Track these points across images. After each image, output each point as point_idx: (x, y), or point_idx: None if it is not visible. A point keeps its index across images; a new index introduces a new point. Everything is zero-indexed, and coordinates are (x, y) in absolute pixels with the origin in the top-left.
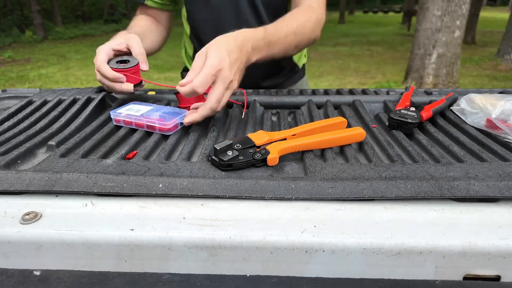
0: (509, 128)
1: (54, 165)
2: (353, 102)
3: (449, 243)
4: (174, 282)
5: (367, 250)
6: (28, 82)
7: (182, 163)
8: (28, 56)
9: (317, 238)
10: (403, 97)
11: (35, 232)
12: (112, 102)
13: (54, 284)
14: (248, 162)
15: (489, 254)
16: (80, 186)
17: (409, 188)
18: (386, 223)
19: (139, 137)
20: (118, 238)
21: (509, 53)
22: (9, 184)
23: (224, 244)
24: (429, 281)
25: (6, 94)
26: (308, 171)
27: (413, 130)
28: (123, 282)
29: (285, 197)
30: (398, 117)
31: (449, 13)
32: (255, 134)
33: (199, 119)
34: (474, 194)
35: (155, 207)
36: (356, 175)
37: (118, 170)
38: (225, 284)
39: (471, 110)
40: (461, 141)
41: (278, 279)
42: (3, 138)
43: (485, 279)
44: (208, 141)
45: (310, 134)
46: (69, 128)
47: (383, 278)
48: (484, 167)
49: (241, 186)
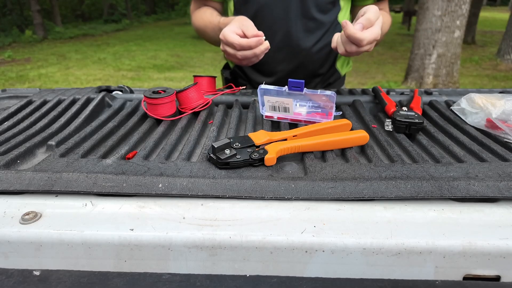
0: (509, 128)
1: (54, 165)
2: (353, 102)
3: (449, 243)
4: (174, 282)
5: (367, 250)
6: (28, 82)
7: (182, 163)
8: (28, 56)
9: (317, 238)
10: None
11: (35, 232)
12: (112, 102)
13: (54, 284)
14: (245, 161)
15: (489, 254)
16: (80, 186)
17: (409, 188)
18: (386, 223)
19: (139, 137)
20: (118, 238)
21: (509, 53)
22: (8, 184)
23: (224, 244)
24: (429, 281)
25: (5, 94)
26: (308, 171)
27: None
28: (123, 282)
29: (285, 197)
30: (404, 118)
31: (449, 13)
32: (255, 133)
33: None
34: (474, 194)
35: (155, 207)
36: (356, 175)
37: (118, 170)
38: (225, 284)
39: (471, 110)
40: (461, 141)
41: (278, 279)
42: (3, 138)
43: (485, 279)
44: (208, 140)
45: (313, 135)
46: (68, 128)
47: (383, 278)
48: (484, 167)
49: (241, 186)
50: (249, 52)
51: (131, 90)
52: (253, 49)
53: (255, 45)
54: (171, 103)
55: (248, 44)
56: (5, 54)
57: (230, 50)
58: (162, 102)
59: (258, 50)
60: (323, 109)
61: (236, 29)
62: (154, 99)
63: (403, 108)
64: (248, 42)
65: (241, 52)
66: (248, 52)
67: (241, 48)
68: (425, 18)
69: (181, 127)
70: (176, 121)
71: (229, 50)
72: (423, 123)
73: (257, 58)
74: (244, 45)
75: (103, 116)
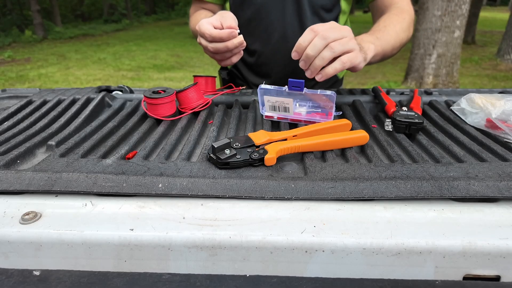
0: (509, 128)
1: (54, 165)
2: (353, 102)
3: (449, 243)
4: (174, 282)
5: (367, 250)
6: (28, 82)
7: (182, 163)
8: (28, 56)
9: (317, 238)
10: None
11: (35, 232)
12: (112, 102)
13: (54, 284)
14: (245, 161)
15: (489, 254)
16: (80, 186)
17: (409, 188)
18: (386, 223)
19: (139, 137)
20: (117, 238)
21: (509, 53)
22: (8, 184)
23: (224, 244)
24: (429, 281)
25: (5, 94)
26: (308, 171)
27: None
28: (123, 282)
29: (285, 197)
30: (404, 118)
31: (449, 13)
32: (255, 133)
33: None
34: (474, 194)
35: (155, 207)
36: (356, 175)
37: (117, 170)
38: (225, 284)
39: (471, 110)
40: (461, 141)
41: (278, 279)
42: (3, 138)
43: (485, 279)
44: (208, 140)
45: (313, 135)
46: (68, 128)
47: (383, 278)
48: (484, 167)
49: (241, 186)
50: (221, 45)
51: (131, 90)
52: (225, 42)
53: (227, 37)
54: (171, 103)
55: (219, 36)
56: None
57: (203, 42)
58: (162, 102)
59: (230, 43)
60: (323, 109)
61: (214, 21)
62: (154, 99)
63: (403, 108)
64: (219, 33)
65: (213, 44)
66: (219, 44)
67: (212, 39)
68: (425, 18)
69: (181, 127)
70: (176, 121)
71: (202, 42)
72: (423, 123)
73: (231, 54)
74: (215, 35)
75: (103, 116)
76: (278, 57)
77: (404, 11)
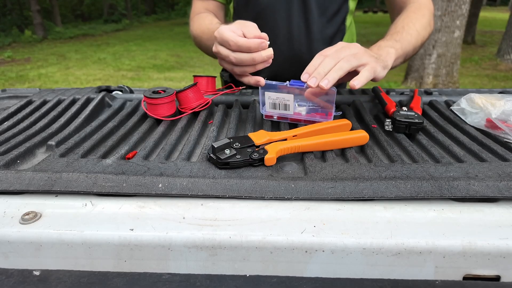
0: (509, 128)
1: (54, 165)
2: (353, 102)
3: (449, 243)
4: (174, 282)
5: (367, 250)
6: (28, 82)
7: (182, 163)
8: (28, 56)
9: (317, 238)
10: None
11: (35, 232)
12: (112, 102)
13: (54, 284)
14: (245, 161)
15: (489, 254)
16: (80, 186)
17: (409, 188)
18: (386, 223)
19: (139, 137)
20: (117, 238)
21: (509, 53)
22: (8, 184)
23: (224, 244)
24: (429, 281)
25: (5, 94)
26: (308, 171)
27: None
28: (123, 282)
29: (285, 197)
30: (404, 118)
31: (449, 13)
32: (255, 133)
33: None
34: (474, 194)
35: (154, 207)
36: (356, 175)
37: (117, 170)
38: (225, 284)
39: (471, 110)
40: (461, 141)
41: (278, 279)
42: (3, 138)
43: (485, 279)
44: (208, 140)
45: (312, 135)
46: (68, 128)
47: (383, 278)
48: (484, 167)
49: (241, 186)
50: (246, 56)
51: (131, 90)
52: (251, 53)
53: (256, 47)
54: (171, 103)
55: (247, 45)
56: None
57: (223, 51)
58: (162, 102)
59: (257, 55)
60: (323, 109)
61: (236, 29)
62: (154, 99)
63: (403, 108)
64: (248, 42)
65: (237, 54)
66: (245, 55)
67: (238, 48)
68: None
69: (181, 127)
70: (176, 121)
71: (222, 51)
72: (423, 123)
73: (253, 68)
74: (241, 44)
75: (103, 116)
76: (283, 59)
77: (423, 6)
